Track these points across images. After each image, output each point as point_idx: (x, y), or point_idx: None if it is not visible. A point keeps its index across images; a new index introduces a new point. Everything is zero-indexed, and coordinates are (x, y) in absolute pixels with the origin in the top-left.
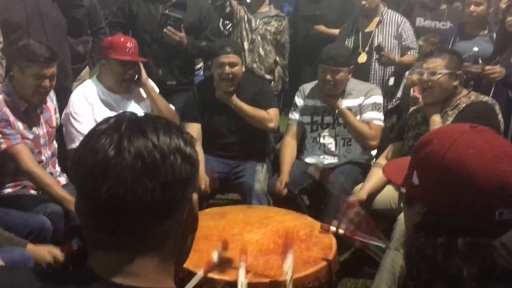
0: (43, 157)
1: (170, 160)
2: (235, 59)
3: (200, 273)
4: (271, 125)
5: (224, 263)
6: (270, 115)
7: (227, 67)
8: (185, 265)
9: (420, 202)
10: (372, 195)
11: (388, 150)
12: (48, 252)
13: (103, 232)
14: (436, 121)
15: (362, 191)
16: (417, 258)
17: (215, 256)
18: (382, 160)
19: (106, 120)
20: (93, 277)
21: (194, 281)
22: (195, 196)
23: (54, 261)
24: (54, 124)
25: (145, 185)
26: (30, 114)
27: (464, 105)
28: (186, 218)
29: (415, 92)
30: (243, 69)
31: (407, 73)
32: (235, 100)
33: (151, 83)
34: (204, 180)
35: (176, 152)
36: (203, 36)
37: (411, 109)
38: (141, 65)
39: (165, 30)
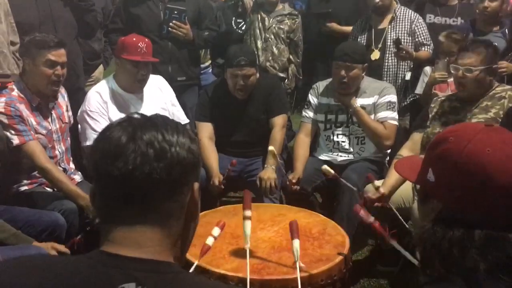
0: (56, 152)
1: (176, 149)
2: (249, 72)
3: (195, 262)
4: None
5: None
6: (284, 120)
7: (240, 80)
8: (198, 263)
9: (436, 199)
10: (393, 189)
11: (410, 139)
12: (51, 248)
13: (114, 208)
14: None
15: (384, 185)
16: (433, 252)
17: (210, 241)
18: (405, 151)
19: (120, 118)
20: (109, 255)
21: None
22: (196, 185)
23: (58, 254)
24: (67, 121)
25: (152, 166)
26: (42, 110)
27: (504, 94)
28: (188, 204)
29: (436, 90)
30: (257, 75)
31: (426, 69)
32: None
33: None
34: (217, 176)
35: (182, 145)
36: (204, 26)
37: (435, 98)
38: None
39: (171, 24)
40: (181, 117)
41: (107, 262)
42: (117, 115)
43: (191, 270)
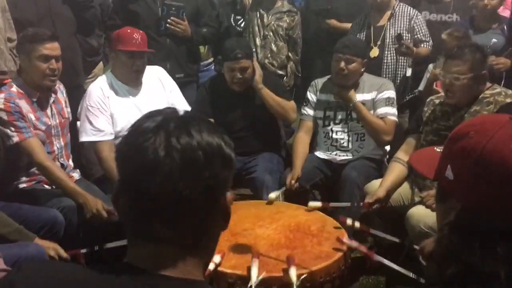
0: (55, 148)
1: (212, 163)
2: (246, 64)
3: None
4: (294, 115)
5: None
6: (292, 105)
7: (238, 73)
8: None
9: (455, 198)
10: (391, 191)
11: (406, 143)
12: (52, 249)
13: (146, 225)
14: None
15: (381, 188)
16: (452, 260)
17: (211, 266)
18: (401, 154)
19: (151, 115)
20: (137, 269)
21: None
22: (229, 195)
23: (58, 258)
24: (67, 116)
25: (190, 185)
26: (42, 105)
27: (491, 99)
28: (222, 213)
29: (437, 86)
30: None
31: (430, 66)
32: (263, 87)
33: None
34: None
35: (217, 153)
36: (202, 23)
37: (428, 99)
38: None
39: (169, 21)
40: (182, 106)
41: (140, 279)
42: (119, 109)
43: None
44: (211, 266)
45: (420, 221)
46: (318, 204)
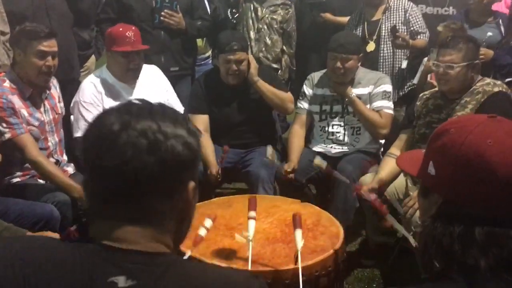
0: (49, 144)
1: (171, 142)
2: (242, 56)
3: (188, 253)
4: (292, 105)
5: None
6: (290, 96)
7: (233, 65)
8: (192, 254)
9: (437, 193)
10: (385, 185)
11: (399, 138)
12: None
13: (103, 202)
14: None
15: (374, 180)
16: (434, 248)
17: (203, 232)
18: (394, 150)
19: (120, 103)
20: (99, 245)
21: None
22: (191, 184)
23: None
24: (60, 112)
25: (143, 160)
26: (35, 100)
27: (480, 89)
28: (182, 203)
29: (432, 79)
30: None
31: (425, 59)
32: (259, 80)
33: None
34: (215, 167)
35: (178, 138)
36: (197, 16)
37: (421, 95)
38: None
39: (163, 13)
40: (176, 106)
41: (101, 254)
42: (112, 105)
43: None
44: (203, 232)
45: (415, 215)
46: (324, 164)
